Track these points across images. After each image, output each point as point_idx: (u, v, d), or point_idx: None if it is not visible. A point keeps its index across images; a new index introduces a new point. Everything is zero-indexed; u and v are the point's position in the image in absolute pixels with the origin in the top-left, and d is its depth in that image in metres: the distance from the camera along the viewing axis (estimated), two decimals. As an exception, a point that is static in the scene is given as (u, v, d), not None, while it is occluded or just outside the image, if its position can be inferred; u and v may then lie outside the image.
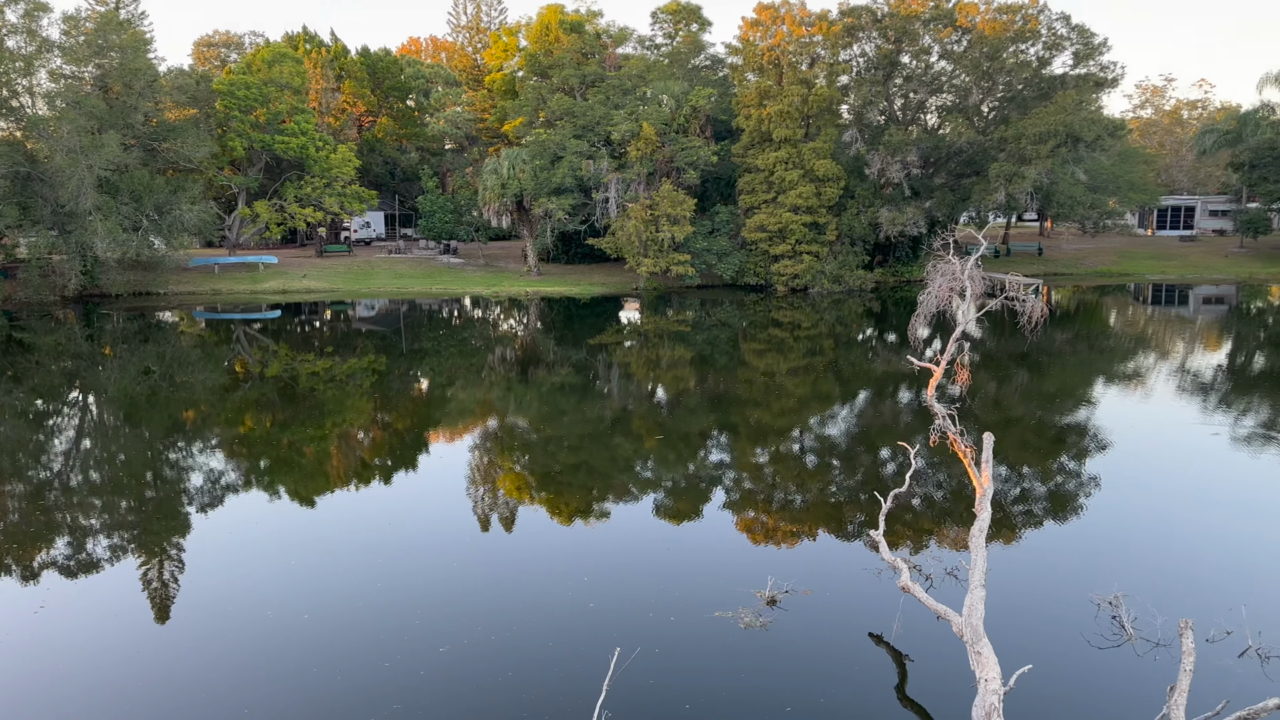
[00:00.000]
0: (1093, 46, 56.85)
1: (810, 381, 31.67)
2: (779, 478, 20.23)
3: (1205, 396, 27.86)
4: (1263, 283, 61.46)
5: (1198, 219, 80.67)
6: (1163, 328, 44.85)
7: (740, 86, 59.06)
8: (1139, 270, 65.99)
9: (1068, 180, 58.20)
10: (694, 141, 56.24)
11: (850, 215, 57.36)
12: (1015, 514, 17.46)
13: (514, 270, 63.50)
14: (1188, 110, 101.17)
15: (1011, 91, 58.24)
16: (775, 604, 13.21)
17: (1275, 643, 11.75)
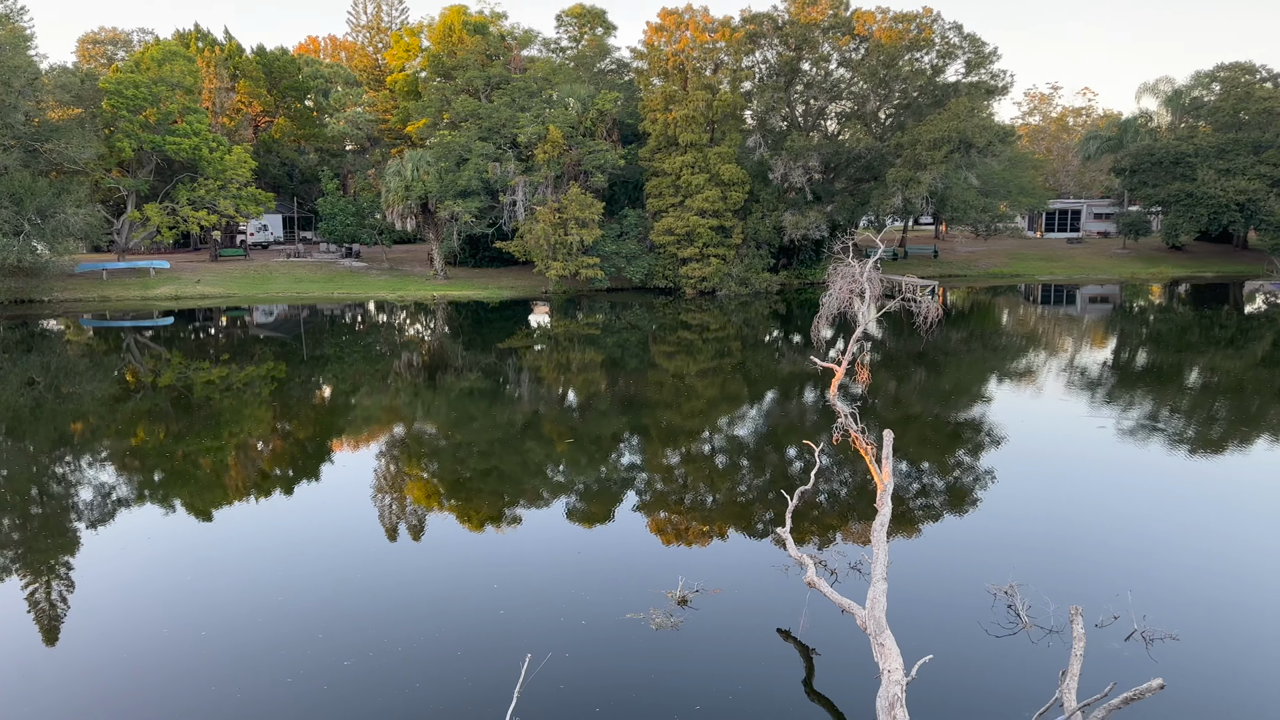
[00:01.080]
0: (983, 55, 59.04)
1: (719, 383, 32.03)
2: (690, 478, 20.40)
3: (1092, 392, 29.18)
4: (1144, 282, 64.72)
5: (1083, 222, 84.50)
6: (1052, 326, 46.82)
7: (646, 91, 59.44)
8: (1029, 271, 68.72)
9: (961, 185, 60.28)
10: (601, 145, 56.32)
11: (755, 219, 58.27)
12: (916, 508, 17.98)
13: (420, 274, 62.52)
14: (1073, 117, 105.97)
15: (907, 99, 60.03)
16: (686, 604, 13.31)
17: (1159, 625, 12.37)
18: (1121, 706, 9.92)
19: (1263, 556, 15.23)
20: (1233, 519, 17.03)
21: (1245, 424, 24.69)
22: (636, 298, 56.17)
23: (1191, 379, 31.53)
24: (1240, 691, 10.98)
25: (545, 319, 49.70)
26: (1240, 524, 16.76)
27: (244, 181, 60.22)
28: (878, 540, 12.71)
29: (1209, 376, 31.79)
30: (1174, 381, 31.11)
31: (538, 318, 50.30)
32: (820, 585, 12.51)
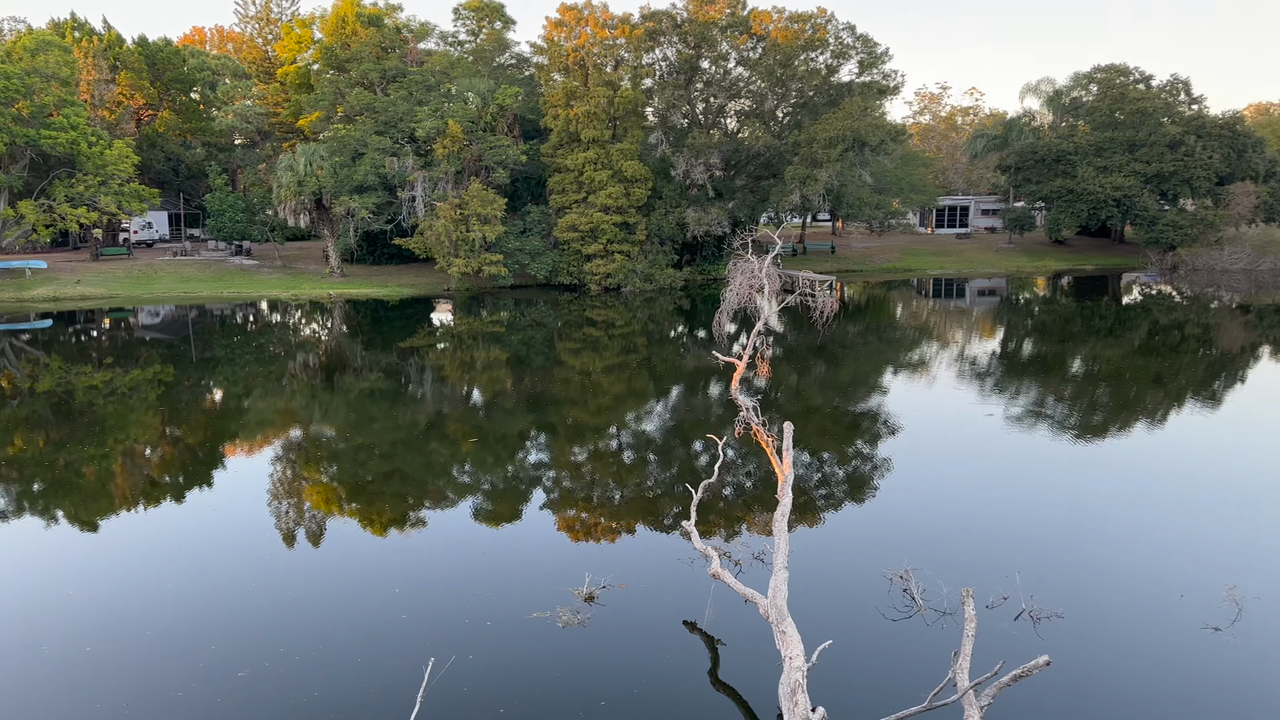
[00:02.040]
0: (875, 55, 60.60)
1: (625, 379, 32.14)
2: (596, 475, 20.42)
3: (982, 381, 30.32)
4: (1029, 275, 67.52)
5: (971, 218, 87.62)
6: (943, 319, 48.46)
7: (547, 86, 59.14)
8: (921, 266, 70.96)
9: (855, 182, 61.79)
10: (502, 140, 55.80)
11: (659, 215, 58.62)
12: (817, 497, 18.39)
13: (315, 272, 60.86)
14: (961, 116, 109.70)
15: (803, 98, 61.22)
16: (593, 600, 13.32)
17: (1046, 605, 12.93)
18: (1011, 684, 10.34)
19: (1141, 536, 16.07)
20: (1113, 501, 17.93)
21: (1125, 410, 26.02)
22: (541, 294, 55.89)
23: (1074, 367, 33.06)
24: (1122, 665, 11.57)
25: (448, 317, 49.01)
26: (1120, 506, 17.65)
27: (126, 177, 57.52)
28: (779, 530, 12.95)
29: (1090, 365, 33.39)
30: (1058, 370, 32.58)
31: (440, 316, 49.57)
32: (724, 577, 12.68)
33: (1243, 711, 10.41)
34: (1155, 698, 10.78)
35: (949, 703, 9.64)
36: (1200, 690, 10.88)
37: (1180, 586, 13.58)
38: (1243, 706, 10.51)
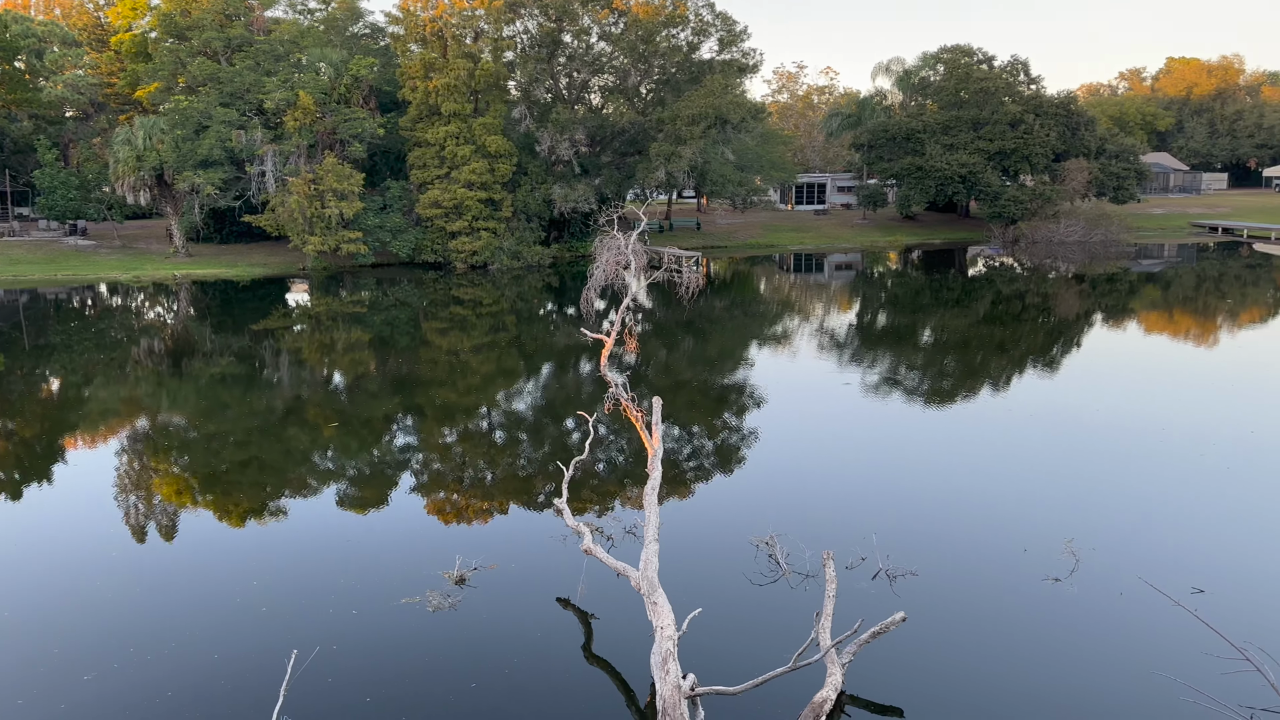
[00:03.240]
0: (735, 34, 61.49)
1: (494, 358, 31.77)
2: (467, 456, 20.15)
3: (840, 352, 31.41)
4: (882, 250, 70.22)
5: (829, 195, 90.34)
6: (804, 293, 49.93)
7: (404, 58, 57.40)
8: (782, 242, 72.77)
9: (719, 160, 62.70)
10: (358, 113, 53.93)
11: (525, 192, 57.99)
12: (687, 470, 18.70)
13: (158, 252, 57.52)
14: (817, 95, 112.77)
15: (666, 75, 61.59)
16: (464, 582, 13.18)
17: (901, 563, 13.56)
18: (870, 640, 10.84)
19: (987, 495, 17.03)
20: (962, 462, 18.92)
21: (971, 376, 27.47)
22: (404, 273, 54.53)
23: (925, 337, 34.65)
24: (971, 616, 12.26)
25: (304, 297, 47.23)
26: (968, 467, 18.65)
27: (-61, 150, 52.83)
28: (649, 504, 13.11)
29: (939, 334, 35.06)
30: (910, 340, 34.07)
31: (296, 296, 47.72)
32: (597, 552, 12.75)
33: (1080, 653, 11.20)
34: (1002, 645, 11.48)
35: (813, 662, 10.00)
36: (1042, 636, 11.64)
37: (1023, 541, 14.47)
38: (1081, 648, 11.31)
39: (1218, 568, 13.43)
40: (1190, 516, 15.53)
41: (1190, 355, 30.58)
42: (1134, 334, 34.96)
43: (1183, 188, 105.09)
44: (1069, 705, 10.13)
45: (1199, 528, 15.01)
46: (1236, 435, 19.98)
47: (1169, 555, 13.90)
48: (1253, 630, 11.24)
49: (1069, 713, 10.00)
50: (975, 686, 10.58)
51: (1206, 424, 20.94)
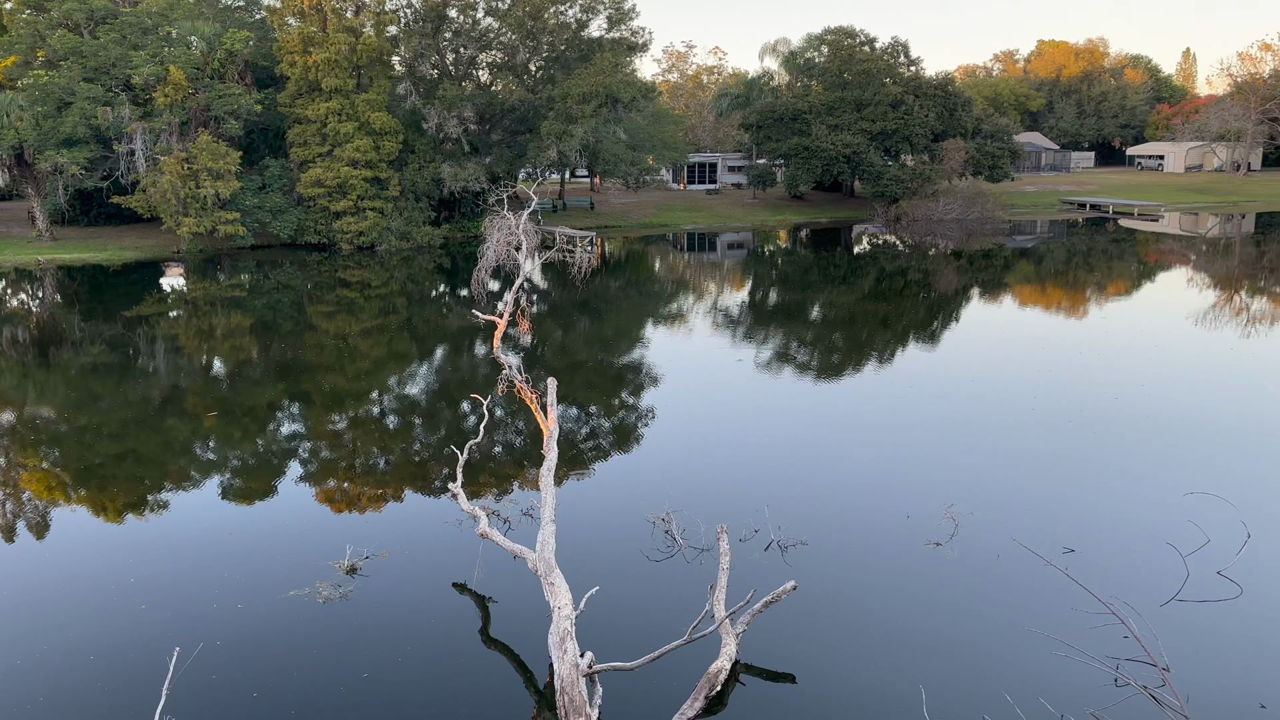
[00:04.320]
0: (623, 12, 61.32)
1: (385, 341, 31.09)
2: (358, 443, 19.69)
3: (733, 329, 31.89)
4: (772, 229, 71.42)
5: (720, 174, 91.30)
6: (698, 272, 50.43)
7: (281, 31, 55.23)
8: (675, 221, 73.27)
9: (611, 139, 62.57)
10: (233, 89, 51.73)
11: (413, 170, 56.73)
12: (584, 450, 18.72)
13: (19, 236, 54.13)
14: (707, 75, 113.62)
15: (555, 52, 61.02)
16: (356, 572, 12.92)
17: (792, 534, 13.91)
18: (763, 610, 11.11)
19: (874, 464, 17.60)
20: (849, 434, 19.50)
21: (856, 350, 28.28)
22: (287, 255, 52.73)
23: (813, 314, 35.48)
24: (859, 582, 12.67)
25: (180, 282, 45.22)
26: (855, 437, 19.23)
27: None
28: (545, 485, 13.08)
29: (827, 311, 35.95)
30: (799, 317, 34.84)
31: (171, 281, 45.63)
32: (493, 535, 12.67)
33: (961, 613, 11.72)
34: (887, 609, 11.91)
35: (708, 634, 10.19)
36: (925, 599, 12.13)
37: (906, 508, 15.02)
38: (961, 608, 11.84)
39: (1086, 528, 14.23)
40: (1061, 480, 16.39)
41: (1060, 326, 32.17)
42: (1009, 307, 36.57)
43: (1053, 166, 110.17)
44: (951, 664, 10.60)
45: (1069, 491, 15.86)
46: (1102, 401, 21.15)
47: (1042, 517, 14.65)
48: (1119, 586, 11.96)
49: (950, 671, 10.46)
50: (862, 649, 10.96)
51: (1075, 391, 22.09)
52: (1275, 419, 19.69)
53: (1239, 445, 17.99)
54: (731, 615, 10.59)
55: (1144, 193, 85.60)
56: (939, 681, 10.18)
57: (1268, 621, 11.38)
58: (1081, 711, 9.55)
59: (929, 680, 10.14)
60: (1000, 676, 10.24)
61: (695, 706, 9.37)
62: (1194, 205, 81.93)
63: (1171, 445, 18.15)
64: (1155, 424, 19.49)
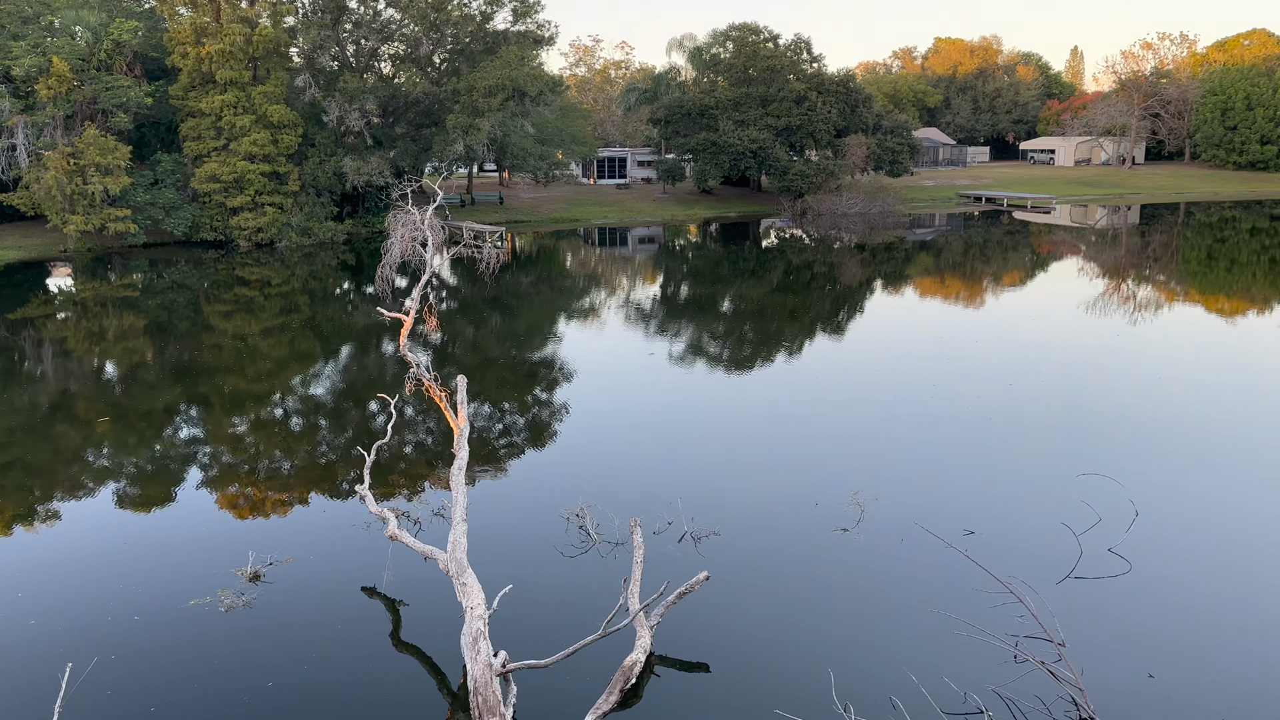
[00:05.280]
0: (528, 4, 60.79)
1: (287, 341, 30.25)
2: (261, 446, 19.11)
3: (645, 323, 32.01)
4: (682, 223, 71.91)
5: (629, 169, 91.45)
6: (610, 266, 50.46)
7: (172, 22, 53.07)
8: (586, 216, 73.17)
9: (518, 133, 62.05)
10: (122, 81, 49.55)
11: (313, 164, 55.27)
12: (497, 447, 18.55)
13: (-112, 236, 50.91)
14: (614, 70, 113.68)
15: (460, 44, 60.18)
16: (259, 579, 12.54)
17: (705, 525, 14.05)
18: (677, 601, 11.19)
19: (783, 454, 17.89)
20: (759, 424, 19.77)
21: (766, 343, 28.69)
22: (182, 253, 50.81)
23: (724, 307, 35.87)
24: (770, 569, 12.87)
25: (68, 282, 43.16)
26: (765, 428, 19.51)
27: None
28: (457, 484, 12.92)
29: (737, 303, 36.40)
30: (710, 310, 35.18)
31: (58, 281, 43.52)
32: (402, 537, 12.45)
33: (867, 597, 12.02)
34: (798, 595, 12.13)
35: (622, 627, 10.21)
36: (833, 584, 12.40)
37: (815, 496, 15.33)
38: (868, 592, 12.14)
39: (985, 510, 14.74)
40: (961, 465, 16.94)
41: (958, 316, 33.23)
42: (910, 299, 37.60)
43: (951, 161, 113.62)
44: (858, 647, 10.86)
45: (969, 475, 16.40)
46: (998, 388, 21.93)
47: (943, 501, 15.11)
48: (1017, 566, 12.42)
49: (858, 654, 10.71)
50: (774, 636, 11.13)
51: (973, 378, 22.86)
52: (1160, 401, 20.73)
53: (1127, 427, 18.88)
54: (646, 608, 10.64)
55: (1036, 186, 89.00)
56: (847, 665, 10.42)
57: (1155, 595, 11.97)
58: (984, 689, 9.89)
59: (837, 664, 10.37)
60: (906, 657, 10.54)
61: (610, 700, 9.39)
62: (1083, 197, 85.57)
63: (1064, 429, 18.93)
64: (1049, 408, 20.30)
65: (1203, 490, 15.44)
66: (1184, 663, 10.41)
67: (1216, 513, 14.48)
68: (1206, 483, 15.78)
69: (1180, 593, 12.02)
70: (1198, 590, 12.07)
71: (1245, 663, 10.40)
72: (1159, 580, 12.35)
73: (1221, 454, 17.24)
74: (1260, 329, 29.71)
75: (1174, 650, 10.67)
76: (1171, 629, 11.13)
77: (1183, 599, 11.85)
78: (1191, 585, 12.21)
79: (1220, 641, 10.82)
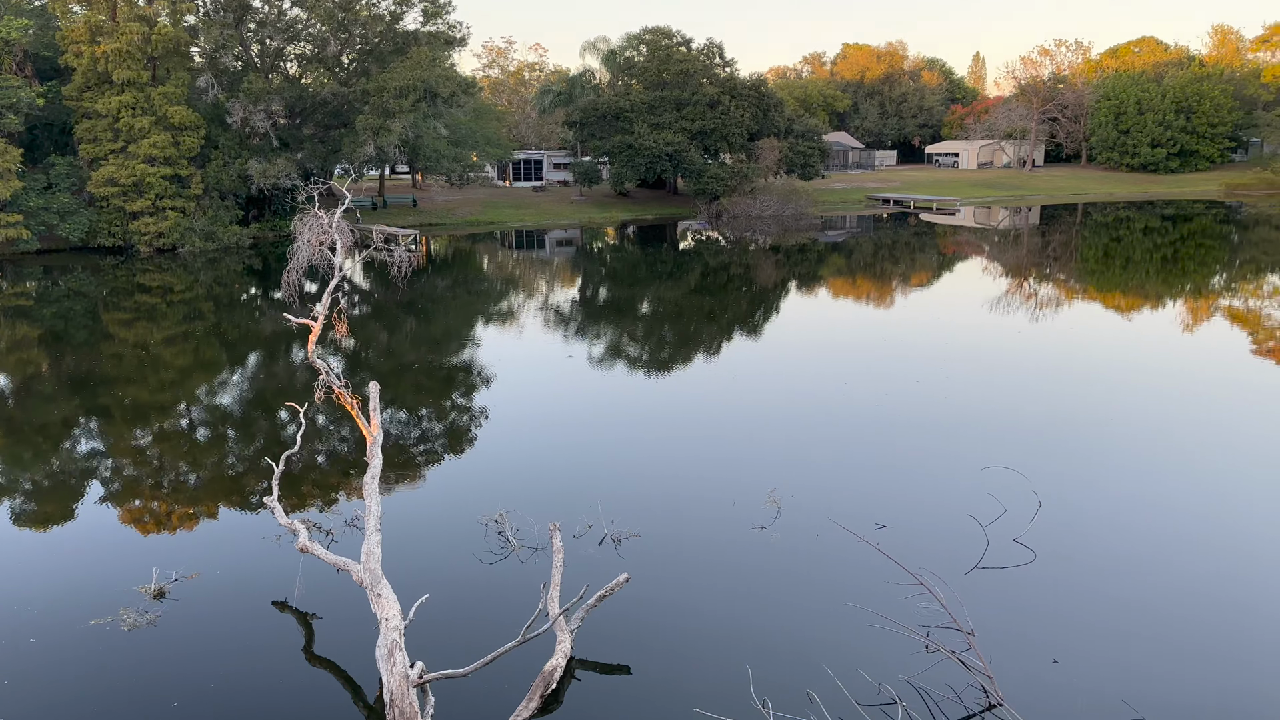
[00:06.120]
0: (439, 5, 60.10)
1: (192, 350, 29.27)
2: (165, 459, 18.43)
3: (565, 326, 31.91)
4: (599, 225, 71.95)
5: (545, 171, 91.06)
6: (527, 269, 50.16)
7: (65, 20, 50.90)
8: (502, 219, 72.60)
9: (431, 134, 61.23)
10: (11, 80, 47.31)
11: (217, 167, 53.62)
12: (414, 455, 18.26)
13: None
14: (529, 72, 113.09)
15: (369, 44, 59.15)
16: (164, 596, 12.10)
17: (625, 527, 14.06)
18: (597, 604, 11.18)
19: (701, 454, 18.03)
20: (676, 426, 19.88)
21: (685, 344, 28.89)
22: (78, 259, 48.72)
23: (642, 308, 35.99)
24: (690, 569, 12.95)
25: (-46, 292, 40.97)
26: (683, 429, 19.63)
27: None
28: (370, 493, 12.67)
29: (656, 305, 36.55)
30: (629, 312, 35.26)
31: (-57, 291, 41.29)
32: (314, 549, 12.16)
33: (785, 593, 12.19)
34: (717, 593, 12.23)
35: (542, 633, 10.15)
36: (751, 581, 12.54)
37: (733, 494, 15.48)
38: (785, 588, 12.31)
39: (897, 504, 15.10)
40: (873, 460, 17.32)
41: (868, 316, 34.00)
42: (823, 298, 38.32)
43: (859, 164, 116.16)
44: (776, 643, 11.00)
45: (881, 470, 16.78)
46: (906, 385, 22.50)
47: (856, 497, 15.44)
48: (927, 558, 12.75)
49: (775, 650, 10.85)
50: (693, 635, 11.21)
51: (884, 376, 23.39)
52: (1061, 395, 21.54)
53: (1030, 421, 19.57)
54: (566, 612, 10.60)
55: (942, 188, 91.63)
56: (765, 660, 10.55)
57: (1058, 583, 12.43)
58: (897, 679, 10.13)
59: (756, 660, 10.50)
60: (822, 651, 10.72)
61: (531, 707, 9.32)
62: (986, 199, 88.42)
63: (970, 424, 19.53)
64: (955, 404, 20.91)
65: (1102, 480, 16.09)
66: (1086, 647, 10.83)
67: (1116, 502, 15.12)
68: (1105, 473, 16.45)
69: (1082, 580, 12.50)
70: (1098, 577, 12.57)
71: (1143, 645, 10.87)
72: (1062, 568, 12.82)
73: (1119, 445, 18.01)
74: (1155, 324, 31.13)
75: (1076, 635, 11.09)
76: (1074, 615, 11.57)
77: (1084, 586, 12.32)
78: (1092, 572, 12.71)
79: (1120, 626, 11.29)
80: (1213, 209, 76.11)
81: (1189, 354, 26.16)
